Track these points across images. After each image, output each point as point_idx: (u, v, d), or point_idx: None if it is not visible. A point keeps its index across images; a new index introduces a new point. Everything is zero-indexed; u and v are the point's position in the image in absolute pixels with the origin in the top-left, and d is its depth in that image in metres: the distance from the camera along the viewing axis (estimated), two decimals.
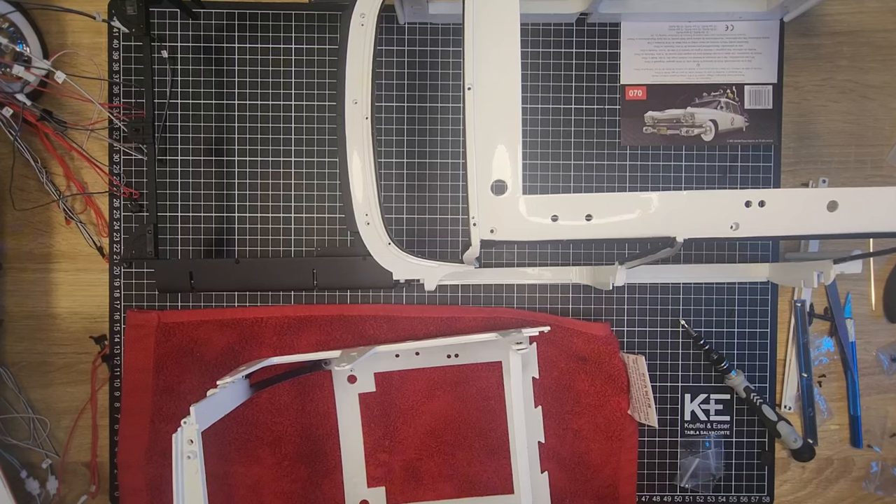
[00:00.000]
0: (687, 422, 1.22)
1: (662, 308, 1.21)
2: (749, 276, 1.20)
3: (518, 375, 1.06)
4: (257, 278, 1.03)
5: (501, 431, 1.19)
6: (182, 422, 0.87)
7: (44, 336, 1.20)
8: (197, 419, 0.87)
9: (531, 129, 1.19)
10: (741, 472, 1.22)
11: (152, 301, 1.19)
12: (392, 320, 1.18)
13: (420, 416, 1.19)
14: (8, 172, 1.16)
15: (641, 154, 1.20)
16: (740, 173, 1.20)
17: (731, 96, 1.20)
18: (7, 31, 1.11)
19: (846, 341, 1.22)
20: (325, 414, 1.18)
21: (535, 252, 1.21)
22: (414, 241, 1.20)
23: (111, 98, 1.17)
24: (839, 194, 0.80)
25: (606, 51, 1.20)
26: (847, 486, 1.24)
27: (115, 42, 1.17)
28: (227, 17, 1.17)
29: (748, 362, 1.21)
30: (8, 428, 1.20)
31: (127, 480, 1.17)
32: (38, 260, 1.19)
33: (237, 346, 1.17)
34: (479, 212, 0.82)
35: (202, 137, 1.18)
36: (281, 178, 1.19)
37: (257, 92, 1.18)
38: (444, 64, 1.19)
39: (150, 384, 1.16)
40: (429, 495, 1.19)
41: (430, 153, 1.19)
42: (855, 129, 1.21)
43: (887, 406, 1.24)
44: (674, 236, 0.81)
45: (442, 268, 0.99)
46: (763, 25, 1.19)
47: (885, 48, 1.21)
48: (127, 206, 1.17)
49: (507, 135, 0.82)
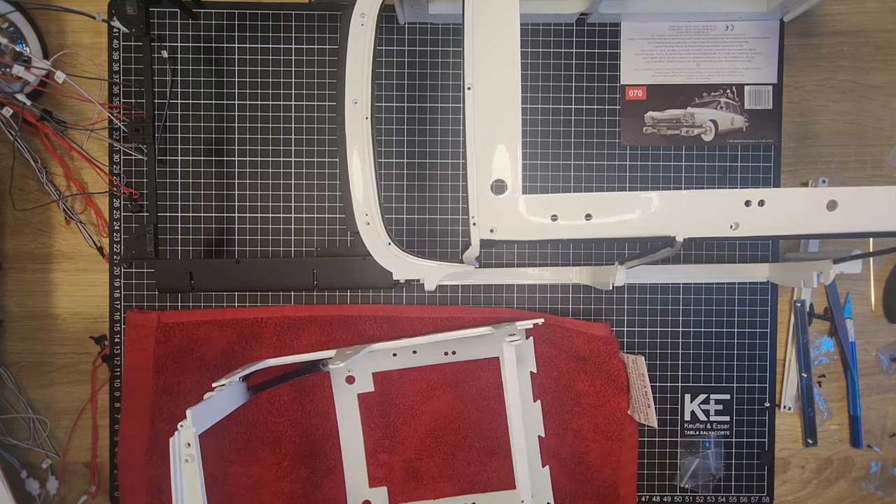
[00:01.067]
0: (687, 422, 1.22)
1: (662, 308, 1.21)
2: (749, 277, 1.20)
3: (513, 367, 1.06)
4: (257, 278, 1.03)
5: (501, 431, 1.19)
6: (178, 425, 0.87)
7: (44, 336, 1.20)
8: (193, 422, 0.87)
9: (531, 129, 1.19)
10: (741, 472, 1.22)
11: (152, 301, 1.19)
12: (392, 320, 1.18)
13: (420, 416, 1.19)
14: (8, 172, 1.16)
15: (641, 154, 1.20)
16: (740, 173, 1.20)
17: (731, 96, 1.20)
18: (7, 31, 1.11)
19: (846, 341, 1.22)
20: (325, 414, 1.18)
21: (536, 252, 1.21)
22: (415, 242, 1.20)
23: (111, 98, 1.17)
24: (838, 194, 0.79)
25: (606, 51, 1.20)
26: (847, 486, 1.24)
27: (115, 42, 1.17)
28: (227, 18, 1.17)
29: (748, 362, 1.21)
30: (8, 428, 1.20)
31: (127, 481, 1.17)
32: (38, 260, 1.19)
33: (237, 347, 1.17)
34: (479, 211, 0.82)
35: (202, 137, 1.18)
36: (281, 179, 1.19)
37: (257, 92, 1.18)
38: (445, 64, 1.19)
39: (150, 384, 1.16)
40: (429, 495, 1.19)
41: (430, 153, 1.19)
42: (855, 129, 1.21)
43: (887, 406, 1.24)
44: (673, 236, 0.81)
45: (442, 268, 0.99)
46: (763, 25, 1.19)
47: (885, 48, 1.21)
48: (127, 206, 1.17)
49: (507, 134, 0.82)
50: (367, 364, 1.18)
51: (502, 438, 1.19)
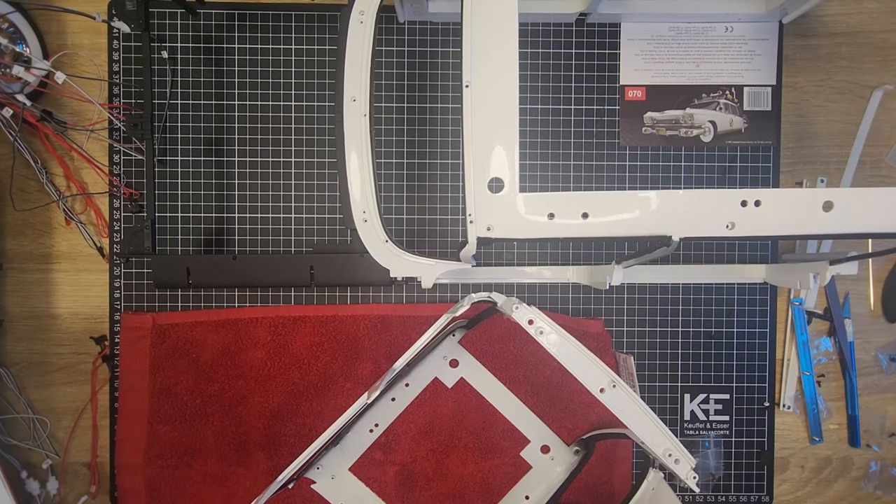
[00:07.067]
0: (686, 422, 1.22)
1: (662, 308, 1.21)
2: (746, 277, 1.20)
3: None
4: (255, 274, 1.04)
5: (494, 430, 1.19)
6: None
7: (44, 336, 1.20)
8: None
9: (530, 129, 1.20)
10: (741, 472, 1.22)
11: (152, 301, 1.19)
12: (386, 320, 1.18)
13: (413, 416, 1.19)
14: (8, 173, 1.16)
15: (640, 154, 1.20)
16: (739, 174, 1.20)
17: (731, 98, 1.20)
18: (7, 31, 1.12)
19: (845, 341, 1.22)
20: (322, 415, 1.19)
21: (535, 252, 1.21)
22: (414, 241, 1.20)
23: (111, 98, 1.17)
24: (835, 194, 0.80)
25: (606, 51, 1.20)
26: (846, 486, 1.24)
27: (115, 43, 1.17)
28: (227, 17, 1.18)
29: (747, 362, 1.21)
30: (8, 428, 1.20)
31: (126, 482, 1.17)
32: (38, 260, 1.19)
33: (232, 347, 1.17)
34: (476, 209, 0.82)
35: (202, 137, 1.18)
36: (281, 177, 1.19)
37: (257, 92, 1.18)
38: (444, 63, 1.19)
39: (147, 386, 1.17)
40: (423, 495, 1.19)
41: (428, 151, 1.19)
42: (853, 130, 1.21)
43: (886, 406, 1.24)
44: (670, 235, 0.81)
45: (439, 265, 0.99)
46: (762, 27, 1.19)
47: (883, 49, 1.21)
48: (127, 206, 1.17)
49: (505, 133, 0.82)
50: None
51: (495, 438, 1.19)
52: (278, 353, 1.17)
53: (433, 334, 0.94)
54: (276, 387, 1.17)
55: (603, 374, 0.89)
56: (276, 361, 1.17)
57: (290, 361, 1.17)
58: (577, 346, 0.89)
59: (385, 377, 0.96)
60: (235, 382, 1.17)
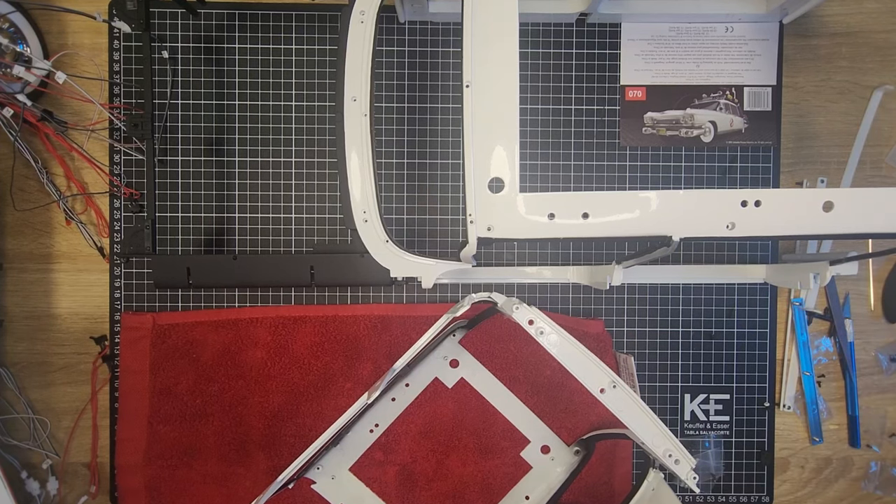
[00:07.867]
0: (686, 422, 1.22)
1: (662, 308, 1.21)
2: (746, 277, 1.20)
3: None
4: (255, 274, 1.04)
5: (495, 431, 1.19)
6: None
7: (44, 336, 1.20)
8: None
9: (531, 129, 1.20)
10: (741, 472, 1.22)
11: (153, 301, 1.19)
12: (386, 320, 1.18)
13: (413, 417, 1.19)
14: (8, 173, 1.16)
15: (641, 155, 1.20)
16: (739, 174, 1.20)
17: (731, 98, 1.20)
18: (7, 31, 1.12)
19: (845, 341, 1.22)
20: (322, 415, 1.19)
21: (536, 252, 1.21)
22: (414, 241, 1.20)
23: (111, 98, 1.17)
24: (835, 194, 0.80)
25: (606, 51, 1.20)
26: (846, 486, 1.24)
27: (116, 42, 1.17)
28: (227, 17, 1.18)
29: (747, 362, 1.21)
30: (8, 428, 1.20)
31: (126, 482, 1.17)
32: (38, 260, 1.19)
33: (232, 347, 1.17)
34: (476, 209, 0.82)
35: (202, 137, 1.18)
36: (281, 178, 1.19)
37: (257, 92, 1.18)
38: (444, 62, 1.19)
39: (147, 386, 1.17)
40: (423, 495, 1.19)
41: (429, 151, 1.19)
42: (854, 130, 1.21)
43: (886, 406, 1.24)
44: (670, 235, 0.81)
45: (439, 266, 0.99)
46: (762, 27, 1.19)
47: (883, 49, 1.21)
48: (127, 206, 1.17)
49: (505, 132, 0.82)
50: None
51: (495, 438, 1.19)
52: (278, 353, 1.17)
53: (433, 334, 0.94)
54: (276, 387, 1.17)
55: (603, 374, 0.88)
56: (276, 361, 1.17)
57: (291, 361, 1.17)
58: (578, 347, 0.89)
59: (385, 377, 0.96)
60: (235, 382, 1.17)
